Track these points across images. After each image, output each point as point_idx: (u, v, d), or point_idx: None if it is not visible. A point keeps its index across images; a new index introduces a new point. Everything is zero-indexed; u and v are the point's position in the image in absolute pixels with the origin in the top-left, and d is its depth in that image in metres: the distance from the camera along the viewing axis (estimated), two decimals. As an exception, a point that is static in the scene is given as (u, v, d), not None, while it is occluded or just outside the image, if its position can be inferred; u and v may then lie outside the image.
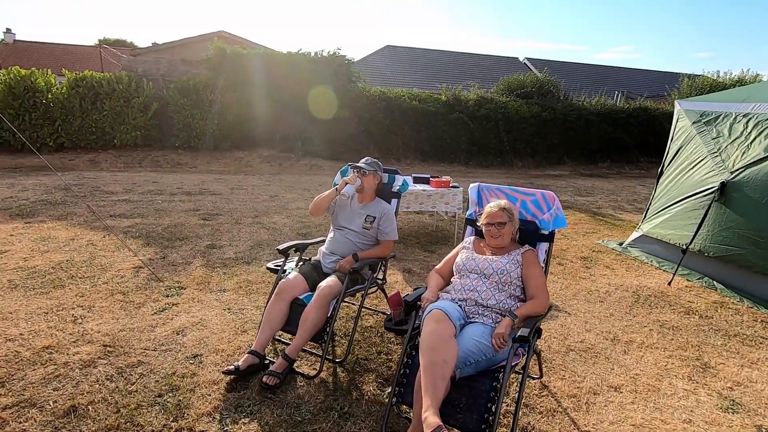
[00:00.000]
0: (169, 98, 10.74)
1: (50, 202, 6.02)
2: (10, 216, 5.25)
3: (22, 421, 1.97)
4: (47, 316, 2.90)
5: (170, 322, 2.90)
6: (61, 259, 3.91)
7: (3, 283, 3.36)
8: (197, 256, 4.17)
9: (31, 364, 2.37)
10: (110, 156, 10.18)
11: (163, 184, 7.70)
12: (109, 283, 3.45)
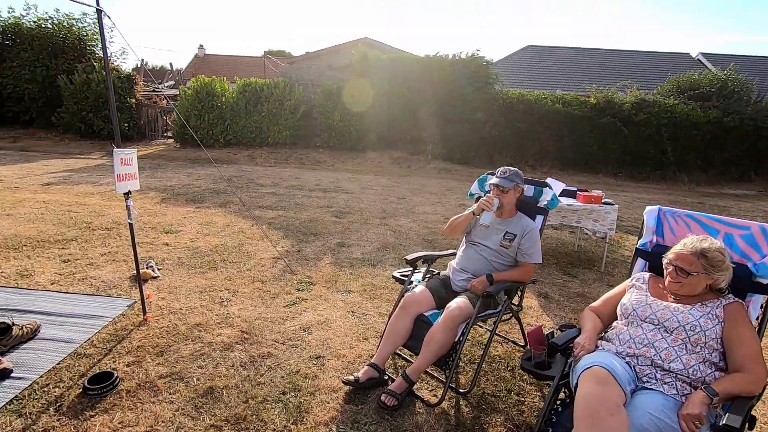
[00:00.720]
0: (315, 101, 11.70)
1: (215, 190, 6.99)
2: (185, 200, 6.21)
3: (171, 392, 2.17)
4: (201, 294, 3.26)
5: (298, 317, 2.99)
6: (217, 243, 4.42)
7: (174, 259, 3.92)
8: (327, 252, 4.32)
9: (184, 339, 2.64)
10: (264, 152, 11.51)
11: (304, 180, 8.35)
12: (251, 270, 3.76)
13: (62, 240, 4.26)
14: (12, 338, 2.43)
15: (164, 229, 4.77)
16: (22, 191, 6.34)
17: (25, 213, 5.15)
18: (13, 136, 12.47)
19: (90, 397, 2.10)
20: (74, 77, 12.11)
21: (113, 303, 3.02)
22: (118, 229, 4.68)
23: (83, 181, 7.35)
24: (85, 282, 3.36)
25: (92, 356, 2.43)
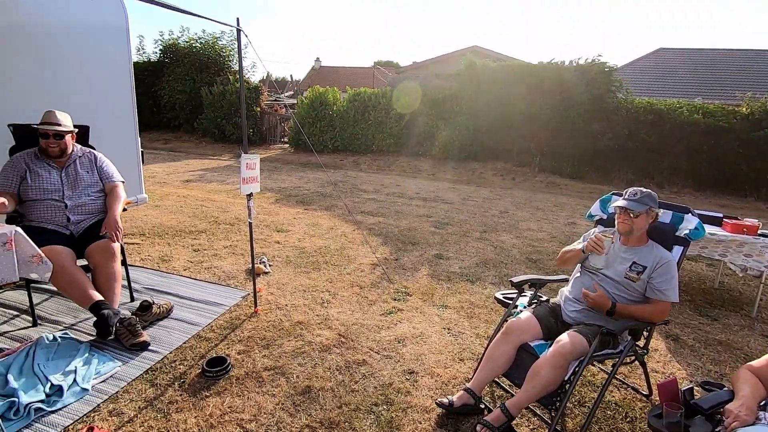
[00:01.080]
0: (420, 110, 11.81)
1: (322, 194, 7.41)
2: (296, 202, 6.69)
3: (274, 386, 2.30)
4: (305, 294, 3.43)
5: (394, 328, 2.98)
6: (321, 244, 4.65)
7: (283, 257, 4.21)
8: (425, 263, 4.27)
9: (287, 335, 2.80)
10: (368, 159, 11.93)
11: (405, 188, 8.45)
12: (351, 275, 3.87)
13: (195, 231, 4.87)
14: (151, 315, 2.81)
15: (276, 228, 5.18)
16: (167, 186, 7.43)
17: (169, 205, 6.01)
18: (165, 138, 14.74)
19: (207, 378, 2.32)
20: (213, 89, 13.92)
21: (231, 293, 3.34)
22: (239, 225, 5.20)
23: (214, 179, 8.37)
24: (209, 271, 3.77)
25: (211, 340, 2.70)
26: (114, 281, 2.71)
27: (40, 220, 2.72)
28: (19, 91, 3.17)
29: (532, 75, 10.73)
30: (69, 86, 3.53)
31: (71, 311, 2.93)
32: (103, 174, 2.97)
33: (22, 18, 3.14)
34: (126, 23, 3.98)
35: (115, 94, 3.98)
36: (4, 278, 2.24)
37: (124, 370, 2.35)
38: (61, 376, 2.18)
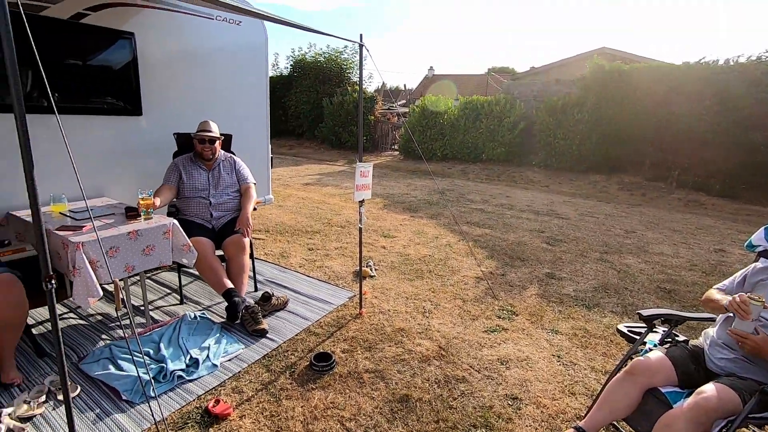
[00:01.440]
0: (536, 118, 11.17)
1: (429, 202, 7.44)
2: (402, 209, 6.82)
3: (373, 389, 2.36)
4: (407, 301, 3.47)
5: (497, 347, 2.83)
6: (426, 253, 4.66)
7: (387, 262, 4.32)
8: (534, 282, 4.00)
9: (389, 340, 2.85)
10: (477, 168, 11.66)
11: (515, 200, 8.05)
12: (454, 286, 3.80)
13: (310, 231, 5.26)
14: (271, 306, 3.10)
15: (383, 233, 5.34)
16: (290, 188, 8.19)
17: (290, 206, 6.61)
18: (290, 144, 16.30)
19: (314, 372, 2.47)
20: (333, 99, 14.99)
21: (338, 293, 3.53)
22: (349, 228, 5.48)
23: (329, 183, 8.97)
24: (321, 270, 4.04)
25: (319, 335, 2.88)
26: (243, 272, 3.06)
27: (191, 215, 3.19)
28: (180, 105, 3.78)
29: (674, 77, 9.41)
30: (218, 100, 4.10)
31: (208, 294, 3.38)
32: (240, 176, 3.39)
33: (184, 43, 3.75)
34: (266, 43, 4.50)
35: (254, 106, 4.51)
36: (162, 261, 2.68)
37: (246, 352, 2.63)
38: (198, 351, 2.53)
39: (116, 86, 3.35)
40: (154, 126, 3.55)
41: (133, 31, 3.32)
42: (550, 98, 11.05)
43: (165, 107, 3.63)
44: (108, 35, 3.19)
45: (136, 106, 3.44)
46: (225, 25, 4.02)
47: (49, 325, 2.80)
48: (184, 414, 2.10)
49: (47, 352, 2.50)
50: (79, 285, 2.24)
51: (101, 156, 3.25)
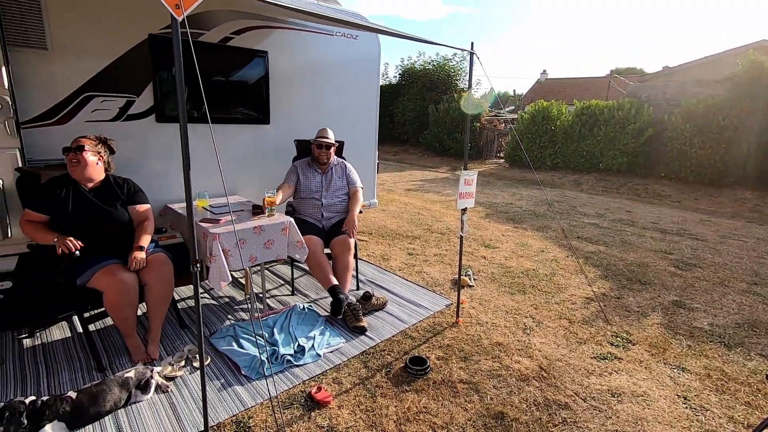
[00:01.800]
0: (668, 123, 9.86)
1: (535, 213, 7.05)
2: (505, 219, 6.57)
3: (466, 401, 2.32)
4: (507, 315, 3.34)
5: (608, 377, 2.58)
6: (529, 266, 4.43)
7: (488, 273, 4.20)
8: (657, 310, 3.54)
9: (485, 353, 2.77)
10: (592, 179, 10.71)
11: (637, 215, 7.21)
12: (560, 305, 3.55)
13: (411, 236, 5.36)
14: (370, 305, 3.23)
15: (484, 243, 5.21)
16: (393, 193, 8.43)
17: (393, 210, 6.81)
18: (395, 150, 16.78)
19: (408, 374, 2.52)
20: (439, 106, 15.06)
21: (436, 299, 3.54)
22: (449, 235, 5.46)
23: (431, 190, 9.03)
24: (420, 275, 4.09)
25: (415, 339, 2.92)
26: (347, 271, 3.25)
27: (305, 214, 3.49)
28: (300, 114, 4.16)
29: None
30: (334, 109, 4.42)
31: (315, 289, 3.65)
32: (349, 180, 3.61)
33: (307, 58, 4.12)
34: (378, 55, 4.73)
35: (364, 115, 4.77)
36: (279, 254, 2.98)
37: (346, 347, 2.79)
38: (305, 340, 2.75)
39: (251, 98, 3.82)
40: (279, 133, 3.97)
41: (267, 50, 3.75)
42: (687, 101, 9.67)
43: (288, 116, 4.03)
44: (247, 54, 3.66)
45: (266, 115, 3.88)
46: (343, 40, 4.33)
47: (190, 302, 3.30)
48: (290, 395, 2.31)
49: (187, 324, 2.95)
50: (213, 270, 2.60)
51: (236, 159, 3.73)
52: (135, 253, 2.46)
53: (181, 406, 2.18)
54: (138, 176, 2.93)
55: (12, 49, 2.50)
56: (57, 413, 1.93)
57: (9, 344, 2.65)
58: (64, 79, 2.78)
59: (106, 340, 2.72)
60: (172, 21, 1.52)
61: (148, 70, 3.10)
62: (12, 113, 2.50)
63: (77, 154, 2.40)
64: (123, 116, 3.06)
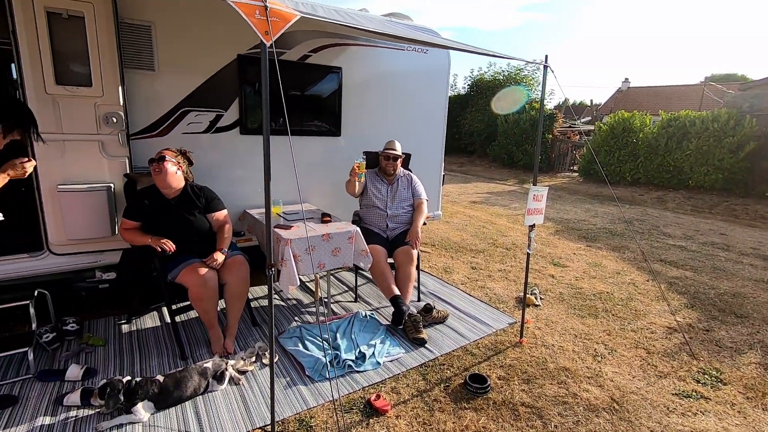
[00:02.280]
0: (776, 137, 8.75)
1: (611, 231, 6.59)
2: (577, 237, 6.21)
3: (529, 426, 2.23)
4: (575, 339, 3.15)
5: (691, 418, 2.34)
6: (602, 289, 4.15)
7: (555, 293, 4.00)
8: (756, 348, 3.14)
9: (550, 378, 2.65)
10: (679, 196, 9.78)
11: (733, 239, 6.46)
12: (637, 333, 3.28)
13: (474, 250, 5.27)
14: (431, 318, 3.23)
15: (552, 261, 4.97)
16: (457, 205, 8.35)
17: (456, 222, 6.74)
18: (461, 161, 16.60)
19: (467, 391, 2.48)
20: (508, 117, 14.68)
21: (498, 316, 3.44)
22: (515, 251, 5.29)
23: (497, 203, 8.80)
24: (482, 290, 4.00)
25: (475, 356, 2.87)
26: (409, 281, 3.28)
27: (370, 224, 3.59)
28: (369, 126, 4.29)
29: None
30: (402, 122, 4.51)
31: (377, 297, 3.72)
32: (414, 192, 3.65)
33: (377, 73, 4.25)
34: (448, 68, 4.75)
35: (432, 127, 4.80)
36: (345, 262, 3.09)
37: (405, 357, 2.81)
38: (366, 347, 2.82)
39: (324, 112, 4.03)
40: (349, 145, 4.13)
41: (341, 66, 3.94)
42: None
43: (358, 128, 4.18)
44: (323, 71, 3.88)
45: (338, 128, 4.06)
46: (413, 54, 4.42)
47: (262, 302, 3.53)
48: (350, 400, 2.37)
49: (258, 322, 3.16)
50: (284, 274, 2.77)
51: (309, 169, 3.94)
52: (215, 254, 2.70)
53: (250, 398, 2.33)
54: (222, 182, 3.22)
55: (127, 70, 2.88)
56: (147, 393, 2.16)
57: (112, 328, 3.01)
58: (166, 97, 3.14)
59: (189, 331, 2.99)
60: (261, 45, 1.67)
61: (236, 87, 3.40)
62: (124, 126, 2.87)
63: (160, 163, 2.68)
64: (212, 128, 3.38)
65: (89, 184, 2.82)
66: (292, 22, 1.68)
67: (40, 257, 2.86)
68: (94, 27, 2.66)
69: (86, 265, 3.01)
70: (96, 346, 2.76)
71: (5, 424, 2.07)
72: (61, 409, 2.17)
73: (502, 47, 53.46)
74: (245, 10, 1.56)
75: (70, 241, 2.86)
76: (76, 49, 2.65)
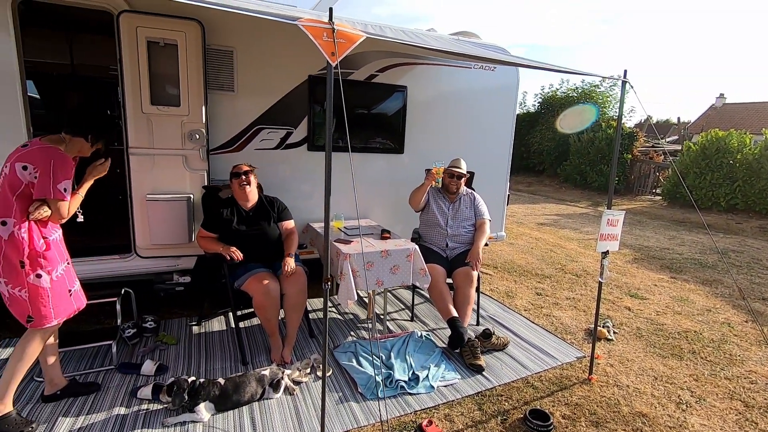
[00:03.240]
0: None
1: (701, 262, 5.90)
2: (659, 266, 5.64)
3: (597, 474, 2.01)
4: (655, 381, 2.82)
5: (804, 490, 1.97)
6: (689, 327, 3.70)
7: (632, 328, 3.64)
8: None
9: (623, 423, 2.38)
10: (787, 226, 8.55)
11: None
12: (732, 381, 2.87)
13: (540, 275, 4.98)
14: (490, 344, 3.08)
15: (629, 292, 4.54)
16: (523, 227, 7.99)
17: (521, 245, 6.44)
18: (528, 181, 15.97)
19: (527, 428, 2.30)
20: (582, 136, 13.90)
21: (565, 348, 3.19)
22: (585, 278, 4.91)
23: (567, 226, 8.30)
24: (548, 318, 3.75)
25: (537, 389, 2.67)
26: (468, 304, 3.17)
27: (430, 242, 3.54)
28: (433, 144, 4.26)
29: None
30: (466, 139, 4.43)
31: (434, 317, 3.63)
32: (477, 211, 3.55)
33: (443, 91, 4.23)
34: (517, 85, 4.61)
35: (498, 146, 4.67)
36: (403, 281, 3.06)
37: (461, 384, 2.69)
38: (420, 368, 2.74)
39: (388, 129, 4.08)
40: (411, 162, 4.13)
41: (407, 85, 3.99)
42: None
43: (421, 146, 4.18)
44: (388, 90, 3.94)
45: (401, 145, 4.09)
46: (481, 72, 4.35)
47: (320, 313, 3.59)
48: (401, 422, 2.31)
49: (315, 334, 3.21)
50: (342, 288, 2.80)
51: (370, 186, 4.00)
52: (287, 259, 2.84)
53: (303, 410, 2.36)
54: (288, 195, 3.36)
55: (210, 91, 3.14)
56: (209, 395, 2.26)
57: (183, 328, 3.23)
58: (243, 115, 3.37)
59: (251, 337, 3.12)
60: (327, 65, 1.73)
61: (306, 106, 3.56)
62: (205, 142, 3.12)
63: (247, 177, 2.89)
64: (282, 145, 3.56)
65: (172, 195, 3.09)
66: (358, 43, 1.73)
67: (128, 259, 3.17)
68: (185, 53, 2.95)
69: (166, 268, 3.28)
70: (169, 345, 2.97)
71: (88, 409, 2.27)
72: (134, 401, 2.35)
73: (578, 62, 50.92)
74: (314, 32, 1.63)
75: (153, 245, 3.14)
76: (168, 72, 2.95)
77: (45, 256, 1.99)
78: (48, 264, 2.00)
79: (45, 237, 2.01)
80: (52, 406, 2.27)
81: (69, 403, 2.30)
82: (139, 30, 2.81)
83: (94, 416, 2.23)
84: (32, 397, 2.33)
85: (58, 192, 1.94)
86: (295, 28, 1.69)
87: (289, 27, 1.66)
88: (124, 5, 2.79)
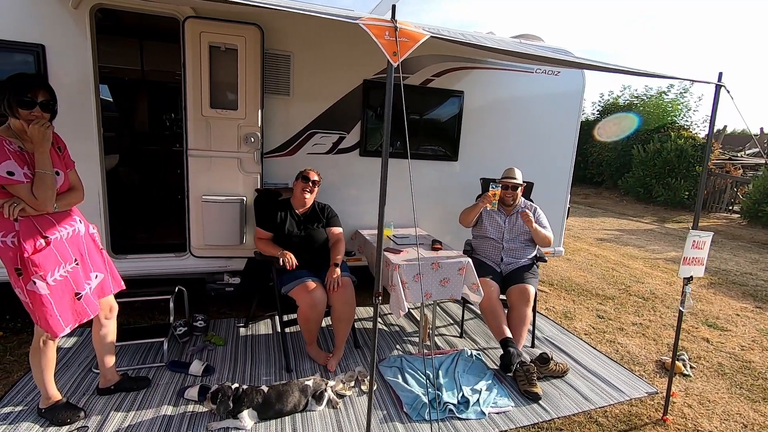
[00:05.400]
0: None
1: (791, 292, 5.21)
2: (741, 293, 5.04)
3: None
4: (744, 429, 2.45)
5: None
6: (783, 367, 3.23)
7: (712, 363, 3.23)
8: None
9: (709, 477, 2.07)
10: None
11: None
12: (842, 437, 2.43)
13: (601, 296, 4.60)
14: (548, 370, 2.83)
15: (706, 321, 4.07)
16: (580, 241, 7.50)
17: (578, 261, 6.03)
18: (585, 193, 15.11)
19: (591, 470, 2.06)
20: (648, 146, 12.94)
21: (634, 382, 2.87)
22: (654, 302, 4.47)
23: (631, 243, 7.69)
24: (611, 345, 3.42)
25: (602, 426, 2.40)
26: (523, 324, 2.94)
27: (484, 255, 3.34)
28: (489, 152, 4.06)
29: None
30: (525, 148, 4.19)
31: (485, 336, 3.42)
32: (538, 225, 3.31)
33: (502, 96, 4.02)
34: (582, 91, 4.31)
35: (559, 155, 4.38)
36: (453, 294, 2.89)
37: (515, 412, 2.47)
38: (470, 391, 2.56)
39: (442, 136, 3.94)
40: (465, 170, 3.96)
41: (463, 89, 3.83)
42: None
43: (476, 154, 3.99)
44: (444, 95, 3.81)
45: (455, 152, 3.93)
46: (543, 76, 4.10)
47: (366, 323, 3.50)
48: (449, 450, 2.14)
49: (360, 345, 3.11)
50: (393, 299, 2.69)
51: (423, 193, 3.86)
52: (332, 269, 2.78)
53: (345, 426, 2.25)
54: (338, 201, 3.31)
55: (266, 95, 3.16)
56: (252, 402, 2.22)
57: (231, 329, 3.25)
58: (297, 119, 3.37)
59: (296, 344, 3.08)
60: (388, 66, 1.63)
61: (359, 111, 3.51)
62: (260, 146, 3.14)
63: (313, 185, 2.94)
64: (334, 150, 3.52)
65: (227, 197, 3.13)
66: (421, 42, 1.62)
67: (183, 258, 3.24)
68: (245, 57, 2.98)
69: (217, 268, 3.33)
70: (217, 345, 2.99)
71: (138, 405, 2.31)
72: (181, 401, 2.36)
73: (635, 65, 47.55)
74: (375, 31, 1.54)
75: (207, 245, 3.19)
76: (228, 76, 3.00)
77: (33, 260, 1.75)
78: (39, 269, 1.76)
79: (46, 236, 1.80)
80: (105, 399, 2.32)
81: (121, 398, 2.35)
82: (202, 35, 2.88)
83: (143, 413, 2.25)
84: (89, 389, 2.41)
85: (0, 177, 1.68)
86: (353, 32, 1.61)
87: (346, 31, 1.59)
88: (190, 11, 2.87)
